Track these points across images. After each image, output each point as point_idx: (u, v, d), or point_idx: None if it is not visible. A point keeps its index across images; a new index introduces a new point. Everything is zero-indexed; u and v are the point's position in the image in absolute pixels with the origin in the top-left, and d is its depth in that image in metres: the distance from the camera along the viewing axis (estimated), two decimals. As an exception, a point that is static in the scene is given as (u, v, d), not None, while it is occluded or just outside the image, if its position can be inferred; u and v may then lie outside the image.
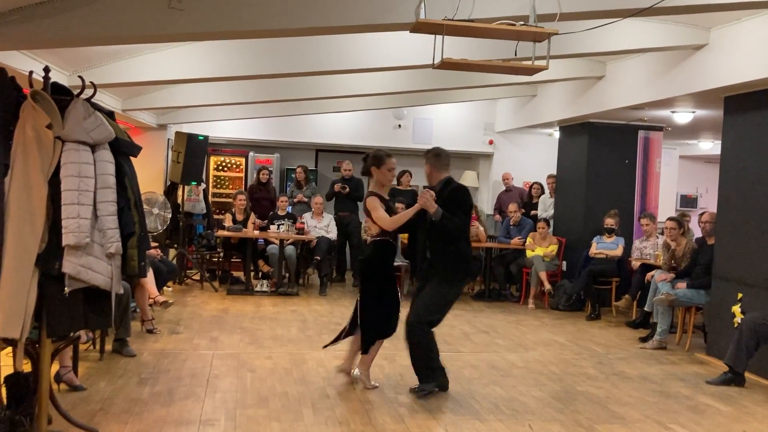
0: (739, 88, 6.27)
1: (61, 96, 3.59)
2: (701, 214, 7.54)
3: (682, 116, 8.47)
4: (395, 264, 9.06)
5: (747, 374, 5.75)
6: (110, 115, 3.84)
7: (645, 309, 7.69)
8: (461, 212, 4.94)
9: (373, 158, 5.10)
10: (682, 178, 13.02)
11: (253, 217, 9.77)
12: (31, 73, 3.61)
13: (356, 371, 5.23)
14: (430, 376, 5.03)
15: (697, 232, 8.36)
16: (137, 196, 3.81)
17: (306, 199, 10.55)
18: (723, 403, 5.22)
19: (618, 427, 4.51)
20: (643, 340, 7.25)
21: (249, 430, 4.14)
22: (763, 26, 5.76)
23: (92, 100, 3.70)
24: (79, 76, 3.87)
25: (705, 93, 6.66)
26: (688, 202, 13.42)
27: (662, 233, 8.53)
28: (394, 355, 6.14)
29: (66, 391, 4.63)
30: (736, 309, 6.16)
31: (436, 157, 5.20)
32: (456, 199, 4.95)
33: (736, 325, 5.99)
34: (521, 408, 4.82)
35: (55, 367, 4.40)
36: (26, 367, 3.70)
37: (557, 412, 4.78)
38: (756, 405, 5.20)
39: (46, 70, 3.62)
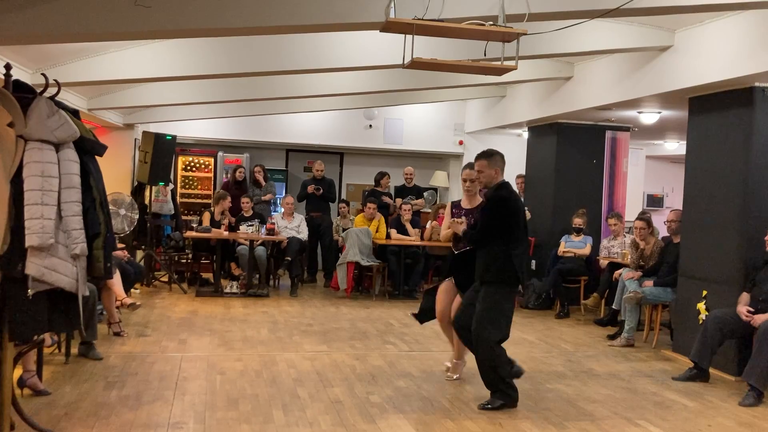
0: (703, 89, 6.39)
1: (23, 94, 3.51)
2: (671, 213, 7.66)
3: (649, 117, 8.61)
4: (367, 264, 9.15)
5: (711, 370, 5.86)
6: (75, 113, 3.77)
7: (613, 307, 7.79)
8: (497, 221, 4.83)
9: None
10: (649, 177, 13.23)
11: (228, 218, 9.66)
12: (-9, 70, 3.52)
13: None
14: (497, 392, 4.82)
15: (662, 231, 8.51)
16: (103, 196, 3.74)
17: (267, 198, 10.55)
18: (688, 398, 5.31)
19: (587, 424, 4.56)
20: (611, 337, 7.35)
21: (218, 433, 4.10)
22: (725, 29, 5.88)
23: (56, 98, 3.62)
24: (43, 74, 3.78)
25: (670, 94, 6.77)
26: (654, 201, 13.65)
27: (629, 232, 8.66)
28: (365, 355, 6.14)
29: (30, 396, 4.53)
30: (701, 306, 6.27)
31: (489, 157, 5.01)
32: (493, 211, 4.90)
33: (701, 321, 6.09)
34: (492, 406, 4.84)
35: (18, 372, 4.31)
36: (-12, 371, 3.61)
37: (527, 410, 4.81)
38: (720, 400, 5.31)
39: (8, 67, 3.54)
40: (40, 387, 4.62)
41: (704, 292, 6.32)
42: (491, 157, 4.98)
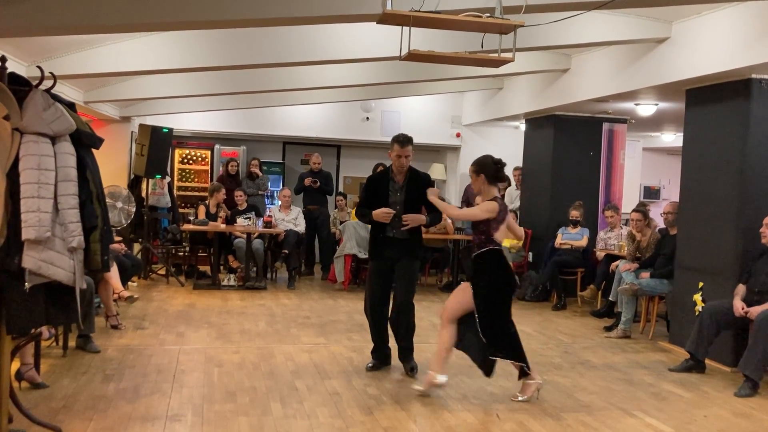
0: (700, 81, 6.38)
1: (18, 87, 3.49)
2: (668, 205, 7.67)
3: (646, 109, 8.61)
4: (364, 256, 9.15)
5: (707, 361, 5.88)
6: (71, 106, 3.75)
7: (609, 299, 7.81)
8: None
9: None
10: (646, 169, 13.25)
11: (224, 210, 9.65)
12: (-14, 62, 3.50)
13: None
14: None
15: (659, 223, 8.52)
16: (99, 189, 3.73)
17: (261, 193, 10.57)
18: (685, 389, 5.34)
19: (584, 416, 4.58)
20: (608, 329, 7.37)
21: (217, 426, 4.11)
22: (723, 20, 5.87)
23: (52, 91, 3.61)
24: (38, 67, 3.77)
25: (667, 86, 6.77)
26: (651, 193, 13.66)
27: (626, 224, 8.67)
28: (363, 347, 6.14)
29: (28, 389, 4.54)
30: (698, 297, 6.29)
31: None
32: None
33: (697, 313, 6.11)
34: (489, 398, 4.87)
35: (16, 365, 4.31)
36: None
37: (524, 401, 4.83)
38: (716, 391, 5.33)
39: (3, 59, 3.51)
40: (38, 380, 4.62)
41: (700, 284, 6.34)
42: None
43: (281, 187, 11.24)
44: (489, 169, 4.85)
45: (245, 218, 9.14)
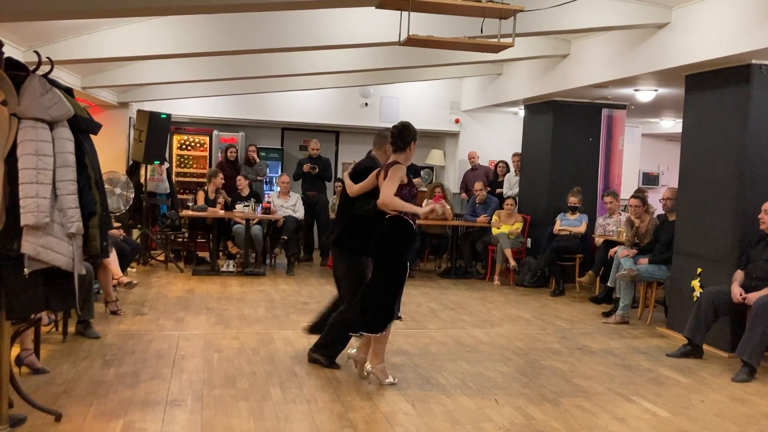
0: (699, 67, 6.36)
1: (15, 72, 3.47)
2: (667, 191, 7.67)
3: (645, 94, 8.59)
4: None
5: (705, 346, 5.91)
6: (68, 91, 3.74)
7: (608, 284, 7.83)
8: None
9: (414, 133, 4.95)
10: (645, 155, 13.24)
11: (223, 195, 9.64)
12: (-18, 47, 3.48)
13: (369, 366, 4.74)
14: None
15: (658, 209, 8.53)
16: (98, 174, 3.73)
17: (260, 179, 10.59)
18: (682, 374, 5.36)
19: (582, 400, 4.61)
20: (606, 314, 7.40)
21: (216, 410, 4.13)
22: (723, 5, 5.84)
23: (49, 76, 3.59)
24: (35, 52, 3.75)
25: (667, 71, 6.74)
26: (650, 179, 13.66)
27: (625, 210, 8.68)
28: (361, 333, 6.16)
29: (28, 374, 4.55)
30: (696, 283, 6.31)
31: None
32: None
33: (695, 299, 6.14)
34: (487, 383, 4.89)
35: (16, 350, 4.32)
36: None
37: (523, 386, 4.86)
38: (713, 376, 5.36)
39: (0, 44, 3.50)
40: (38, 365, 4.64)
41: (699, 270, 6.35)
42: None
43: (280, 173, 11.22)
44: None
45: (245, 205, 9.14)
